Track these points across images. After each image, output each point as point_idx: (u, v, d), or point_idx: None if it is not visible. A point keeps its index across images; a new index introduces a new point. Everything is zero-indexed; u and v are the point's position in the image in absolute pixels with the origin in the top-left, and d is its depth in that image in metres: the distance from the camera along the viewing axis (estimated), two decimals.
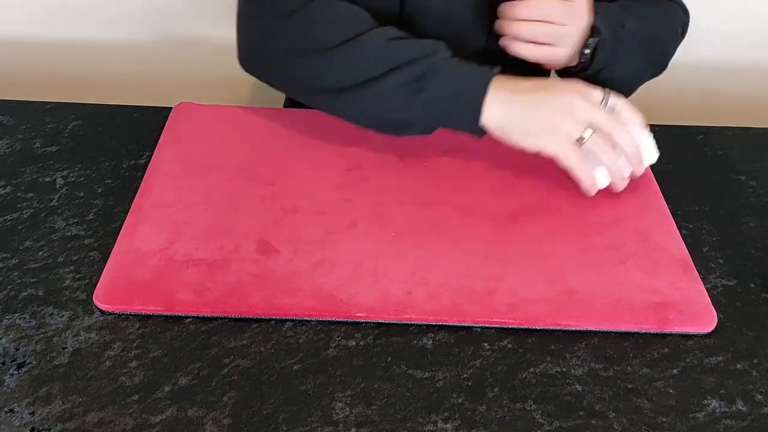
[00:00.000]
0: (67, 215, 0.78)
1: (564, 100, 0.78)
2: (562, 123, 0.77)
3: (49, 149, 0.87)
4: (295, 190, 0.81)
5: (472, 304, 0.69)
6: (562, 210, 0.80)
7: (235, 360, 0.65)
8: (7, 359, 0.64)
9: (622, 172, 0.80)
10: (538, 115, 0.78)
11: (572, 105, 0.77)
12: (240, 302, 0.68)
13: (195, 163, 0.84)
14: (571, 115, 0.77)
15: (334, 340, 0.67)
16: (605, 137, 0.78)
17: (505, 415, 0.62)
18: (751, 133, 0.97)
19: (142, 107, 0.95)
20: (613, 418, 0.62)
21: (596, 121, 0.78)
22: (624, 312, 0.70)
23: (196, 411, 0.61)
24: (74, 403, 0.61)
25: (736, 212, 0.84)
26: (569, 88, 0.79)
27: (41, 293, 0.70)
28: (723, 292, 0.74)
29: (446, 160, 0.86)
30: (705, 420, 0.63)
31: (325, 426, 0.60)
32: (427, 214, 0.78)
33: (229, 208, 0.78)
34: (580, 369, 0.66)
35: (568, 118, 0.77)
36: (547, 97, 0.78)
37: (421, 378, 0.64)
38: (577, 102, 0.77)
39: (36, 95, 0.98)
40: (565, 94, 0.78)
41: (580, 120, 0.77)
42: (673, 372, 0.66)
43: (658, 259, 0.75)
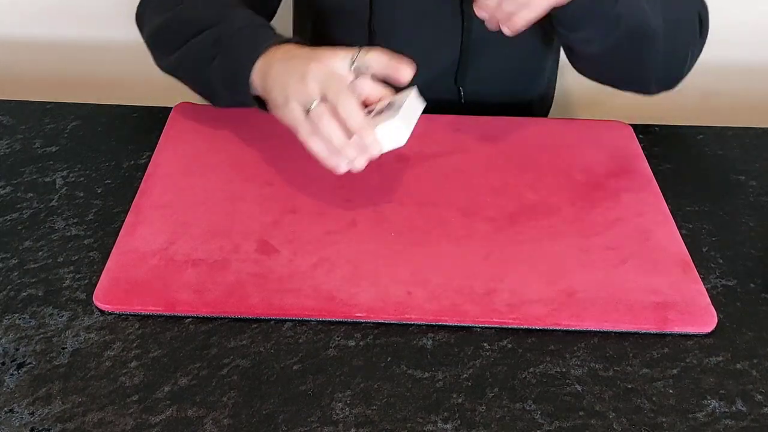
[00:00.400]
0: (67, 215, 0.78)
1: (300, 67, 0.71)
2: (293, 93, 0.71)
3: (49, 149, 0.87)
4: (295, 190, 0.81)
5: (472, 304, 0.69)
6: (562, 210, 0.80)
7: (234, 360, 0.65)
8: (7, 359, 0.64)
9: (340, 151, 0.71)
10: (280, 85, 0.73)
11: (305, 73, 0.70)
12: (240, 302, 0.68)
13: (195, 163, 0.84)
14: (302, 84, 0.70)
15: (333, 340, 0.67)
16: (332, 109, 0.69)
17: (504, 415, 0.62)
18: (751, 133, 0.97)
19: (142, 107, 0.95)
20: (613, 418, 0.62)
21: (324, 90, 0.69)
22: (624, 312, 0.69)
23: (195, 411, 0.61)
24: (74, 403, 0.61)
25: (736, 212, 0.84)
26: (313, 55, 0.72)
27: (41, 293, 0.70)
28: (723, 292, 0.74)
29: (446, 160, 0.86)
30: (705, 420, 0.63)
31: (324, 426, 0.60)
32: (427, 214, 0.78)
33: (229, 208, 0.78)
34: (579, 369, 0.66)
35: (300, 87, 0.70)
36: (288, 66, 0.73)
37: (421, 378, 0.64)
38: (312, 69, 0.70)
39: (36, 95, 0.98)
40: (305, 61, 0.71)
41: (309, 89, 0.70)
42: (673, 372, 0.66)
43: (658, 259, 0.75)
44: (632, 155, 0.89)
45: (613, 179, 0.85)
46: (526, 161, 0.87)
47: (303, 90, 0.70)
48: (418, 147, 0.87)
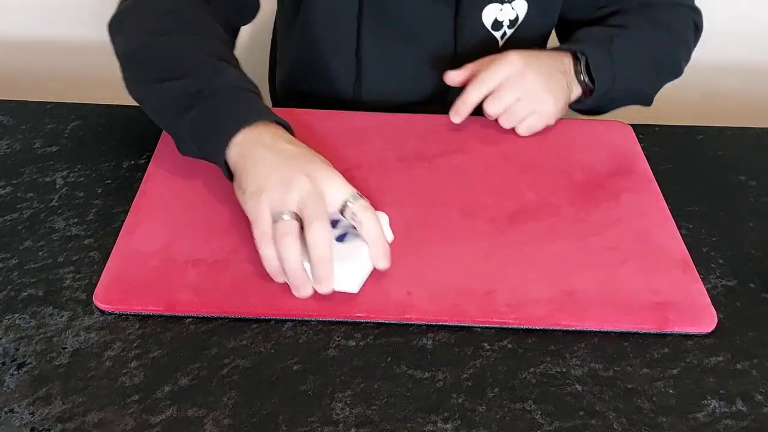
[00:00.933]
0: (67, 215, 0.78)
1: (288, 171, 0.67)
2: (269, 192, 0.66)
3: (49, 149, 0.87)
4: None
5: (472, 304, 0.69)
6: (562, 210, 0.80)
7: (235, 360, 0.65)
8: (7, 359, 0.64)
9: (287, 273, 0.66)
10: (258, 176, 0.68)
11: (291, 181, 0.66)
12: (240, 302, 0.68)
13: (195, 163, 0.84)
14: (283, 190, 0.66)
15: (334, 340, 0.67)
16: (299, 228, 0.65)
17: (505, 415, 0.62)
18: (751, 133, 0.97)
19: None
20: (613, 418, 0.62)
21: (302, 208, 0.65)
22: (624, 312, 0.69)
23: (196, 411, 0.61)
24: (74, 404, 0.61)
25: (736, 212, 0.84)
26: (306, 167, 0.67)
27: (41, 293, 0.70)
28: (723, 292, 0.74)
29: (446, 160, 0.86)
30: (705, 420, 0.63)
31: (325, 426, 0.60)
32: (427, 215, 0.78)
33: (229, 208, 0.78)
34: (580, 369, 0.66)
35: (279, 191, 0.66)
36: (275, 161, 0.68)
37: (421, 378, 0.64)
38: (300, 182, 0.66)
39: (36, 95, 0.98)
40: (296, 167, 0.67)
41: (288, 199, 0.65)
42: (673, 372, 0.66)
43: (658, 259, 0.75)
44: (632, 155, 0.89)
45: (613, 179, 0.85)
46: (526, 161, 0.87)
47: (281, 197, 0.66)
48: (418, 147, 0.87)
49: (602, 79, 0.89)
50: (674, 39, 0.96)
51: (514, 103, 0.86)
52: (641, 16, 0.95)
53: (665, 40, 0.95)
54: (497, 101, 0.86)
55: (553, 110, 0.88)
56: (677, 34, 0.97)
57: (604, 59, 0.89)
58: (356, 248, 0.68)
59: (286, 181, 0.66)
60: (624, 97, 0.92)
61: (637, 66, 0.92)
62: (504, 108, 0.86)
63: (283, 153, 0.69)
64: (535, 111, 0.87)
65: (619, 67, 0.89)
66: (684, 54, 0.98)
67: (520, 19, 0.95)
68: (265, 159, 0.69)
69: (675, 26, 0.97)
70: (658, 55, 0.95)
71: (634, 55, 0.92)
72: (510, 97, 0.86)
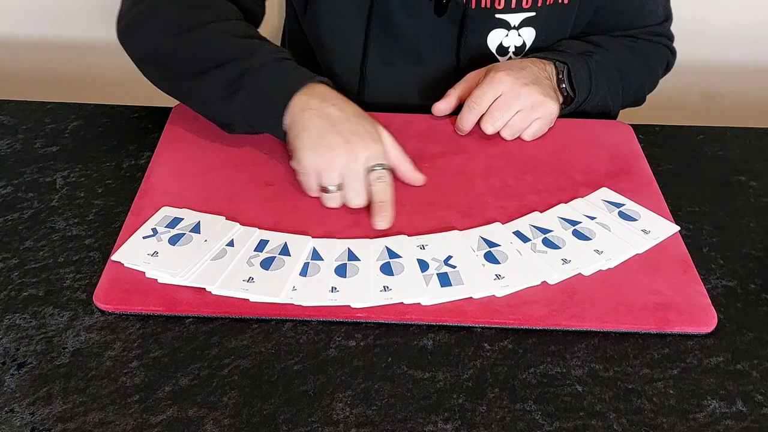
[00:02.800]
0: (68, 215, 0.78)
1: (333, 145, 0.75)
2: (316, 164, 0.76)
3: (50, 149, 0.87)
4: (295, 191, 0.80)
5: (473, 305, 0.69)
6: None
7: (235, 360, 0.65)
8: (8, 359, 0.64)
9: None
10: (306, 146, 0.76)
11: (333, 162, 0.75)
12: (240, 302, 0.68)
13: (195, 163, 0.84)
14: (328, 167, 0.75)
15: (334, 340, 0.67)
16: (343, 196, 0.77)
17: (505, 415, 0.62)
18: (751, 134, 0.97)
19: (142, 107, 0.95)
20: (613, 418, 0.62)
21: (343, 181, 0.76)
22: (624, 312, 0.69)
23: (196, 411, 0.61)
24: (74, 403, 0.61)
25: (736, 213, 0.84)
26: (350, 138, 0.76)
27: (42, 293, 0.70)
28: (723, 293, 0.74)
29: (446, 160, 0.86)
30: (705, 420, 0.63)
31: (325, 426, 0.60)
32: (427, 215, 0.78)
33: (229, 208, 0.78)
34: (580, 369, 0.66)
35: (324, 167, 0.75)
36: (321, 130, 0.76)
37: (421, 378, 0.64)
38: (341, 161, 0.75)
39: (36, 95, 0.98)
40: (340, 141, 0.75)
41: (332, 176, 0.75)
42: (673, 372, 0.66)
43: (658, 259, 0.75)
44: (632, 155, 0.89)
45: (613, 179, 0.85)
46: (527, 161, 0.87)
47: (326, 173, 0.76)
48: (418, 147, 0.87)
49: (581, 90, 0.92)
50: (646, 69, 1.00)
51: (513, 117, 0.87)
52: (621, 40, 0.99)
53: (638, 68, 0.99)
54: (495, 121, 0.87)
55: (555, 110, 0.89)
56: (649, 66, 1.01)
57: (584, 71, 0.92)
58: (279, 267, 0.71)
59: (328, 158, 0.75)
60: (591, 110, 0.95)
61: (611, 84, 0.95)
62: (501, 125, 0.88)
63: (329, 119, 0.76)
64: (537, 118, 0.88)
65: (595, 82, 0.92)
66: (650, 85, 1.03)
67: (527, 46, 0.96)
68: (312, 127, 0.76)
69: (650, 58, 1.01)
70: (629, 79, 0.98)
71: (608, 74, 0.94)
72: (507, 114, 0.87)
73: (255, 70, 0.78)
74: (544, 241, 0.75)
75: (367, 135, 0.77)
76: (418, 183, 0.82)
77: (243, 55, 0.79)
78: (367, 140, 0.77)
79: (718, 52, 1.41)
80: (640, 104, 1.03)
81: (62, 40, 1.50)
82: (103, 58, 1.48)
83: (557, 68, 0.91)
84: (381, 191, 0.76)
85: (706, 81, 1.45)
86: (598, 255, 0.74)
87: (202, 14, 0.83)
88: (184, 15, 0.84)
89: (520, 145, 0.89)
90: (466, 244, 0.74)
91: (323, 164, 0.75)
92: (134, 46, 0.86)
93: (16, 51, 1.51)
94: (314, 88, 0.79)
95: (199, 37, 0.82)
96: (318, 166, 0.76)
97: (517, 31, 0.94)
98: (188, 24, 0.83)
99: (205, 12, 0.84)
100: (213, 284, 0.69)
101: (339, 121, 0.77)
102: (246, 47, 0.80)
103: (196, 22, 0.82)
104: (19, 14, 1.48)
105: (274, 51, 0.81)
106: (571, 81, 0.91)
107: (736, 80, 1.51)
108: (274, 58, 0.80)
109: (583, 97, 0.92)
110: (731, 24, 1.43)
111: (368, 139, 0.77)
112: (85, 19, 1.48)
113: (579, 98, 0.92)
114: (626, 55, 0.97)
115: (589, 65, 0.92)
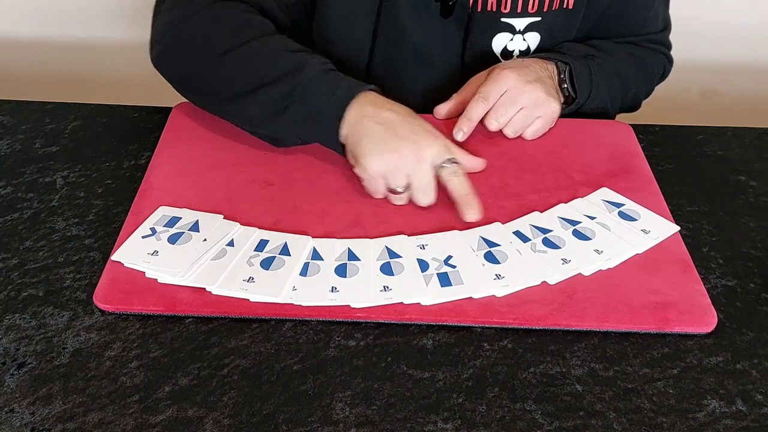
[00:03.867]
0: (68, 215, 0.78)
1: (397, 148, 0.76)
2: (383, 169, 0.77)
3: (49, 149, 0.87)
4: (296, 191, 0.81)
5: (472, 304, 0.69)
6: None
7: (235, 360, 0.65)
8: (8, 359, 0.64)
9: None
10: (369, 153, 0.77)
11: (400, 164, 0.76)
12: (240, 302, 0.68)
13: (195, 163, 0.84)
14: (395, 172, 0.76)
15: (334, 340, 0.67)
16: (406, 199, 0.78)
17: (505, 415, 0.62)
18: (751, 133, 0.97)
19: (142, 107, 0.95)
20: (613, 418, 0.62)
21: (410, 181, 0.77)
22: (624, 312, 0.69)
23: (196, 411, 0.61)
24: (74, 404, 0.61)
25: (736, 212, 0.84)
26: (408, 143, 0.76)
27: (41, 293, 0.70)
28: (723, 292, 0.74)
29: None
30: (705, 420, 0.63)
31: (325, 426, 0.60)
32: (428, 215, 0.78)
33: (229, 208, 0.78)
34: (580, 369, 0.66)
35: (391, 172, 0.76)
36: (383, 135, 0.77)
37: (421, 378, 0.64)
38: (407, 163, 0.76)
39: (36, 95, 0.98)
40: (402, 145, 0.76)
41: (398, 179, 0.77)
42: (673, 372, 0.66)
43: (658, 259, 0.75)
44: (632, 155, 0.89)
45: (613, 179, 0.85)
46: (526, 161, 0.87)
47: (393, 176, 0.77)
48: None
49: (583, 91, 0.92)
50: (644, 75, 1.01)
51: (516, 114, 0.88)
52: (622, 46, 0.99)
53: (637, 74, 0.99)
54: (499, 117, 0.87)
55: (557, 110, 0.89)
56: (648, 73, 1.02)
57: (585, 73, 0.92)
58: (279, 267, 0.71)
59: (394, 161, 0.76)
60: (590, 111, 0.95)
61: (611, 88, 0.95)
62: (506, 122, 0.88)
63: (388, 123, 0.77)
64: (539, 116, 0.89)
65: (596, 85, 0.93)
66: (646, 92, 1.04)
67: (531, 50, 0.97)
68: (372, 133, 0.77)
69: (648, 66, 1.01)
70: (628, 85, 0.98)
71: (609, 77, 0.95)
72: (511, 110, 0.87)
73: (305, 85, 0.79)
74: (544, 241, 0.75)
75: (428, 133, 0.78)
76: (480, 168, 0.84)
77: (291, 71, 0.80)
78: (430, 138, 0.78)
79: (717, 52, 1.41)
80: (634, 110, 1.04)
81: (62, 40, 1.50)
82: (103, 58, 1.48)
83: (559, 68, 0.92)
84: (460, 185, 0.77)
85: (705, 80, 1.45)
86: (598, 255, 0.74)
87: (239, 34, 0.83)
88: (222, 37, 0.83)
89: (520, 144, 0.89)
90: (466, 244, 0.74)
91: (390, 167, 0.76)
92: (171, 71, 0.86)
93: (16, 51, 1.51)
94: (366, 96, 0.80)
95: (242, 57, 0.81)
96: (385, 170, 0.77)
97: (522, 35, 0.95)
98: (228, 45, 0.82)
99: (242, 32, 0.83)
100: (213, 284, 0.69)
101: (398, 124, 0.78)
102: (293, 62, 0.80)
103: (234, 42, 0.82)
104: (19, 14, 1.48)
105: (320, 62, 0.81)
106: (573, 82, 0.91)
107: (736, 80, 1.51)
108: (322, 70, 0.80)
109: (584, 99, 0.93)
110: (731, 24, 1.43)
111: (431, 137, 0.78)
112: (85, 19, 1.48)
113: (580, 99, 0.92)
114: (626, 61, 0.98)
115: (590, 68, 0.93)
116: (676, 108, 1.16)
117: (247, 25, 0.84)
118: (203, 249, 0.72)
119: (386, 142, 0.77)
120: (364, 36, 0.94)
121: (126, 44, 1.46)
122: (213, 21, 0.84)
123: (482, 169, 0.84)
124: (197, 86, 0.86)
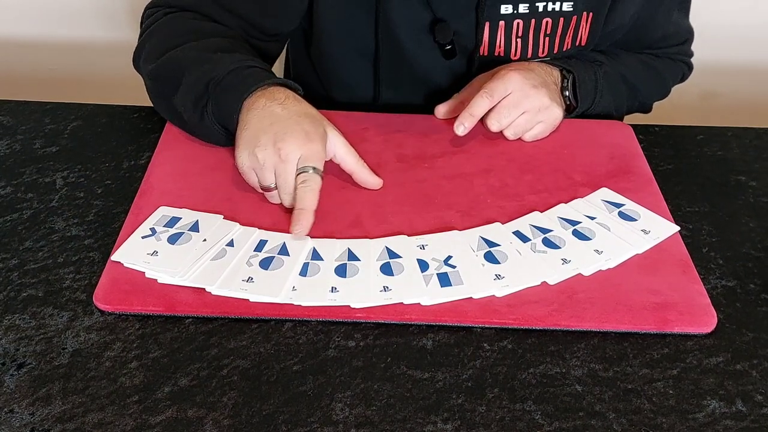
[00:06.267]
0: (67, 216, 0.78)
1: (270, 144, 0.74)
2: (253, 164, 0.75)
3: (49, 150, 0.87)
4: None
5: (472, 304, 0.69)
6: None
7: (235, 360, 0.65)
8: (7, 359, 0.64)
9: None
10: (247, 144, 0.75)
11: (266, 163, 0.74)
12: (239, 302, 0.68)
13: (194, 164, 0.84)
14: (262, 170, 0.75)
15: (333, 340, 0.67)
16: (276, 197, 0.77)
17: (504, 415, 0.62)
18: (751, 133, 0.97)
19: (142, 107, 0.95)
20: (613, 418, 0.62)
21: (277, 182, 0.75)
22: (624, 312, 0.69)
23: (196, 411, 0.61)
24: (74, 404, 0.61)
25: (736, 213, 0.84)
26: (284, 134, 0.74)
27: (41, 294, 0.70)
28: (723, 293, 0.74)
29: (446, 160, 0.86)
30: (705, 420, 0.63)
31: (324, 426, 0.60)
32: (427, 215, 0.78)
33: (229, 208, 0.78)
34: (579, 369, 0.66)
35: (261, 169, 0.75)
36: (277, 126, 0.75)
37: (421, 378, 0.64)
38: (273, 163, 0.74)
39: (36, 95, 0.98)
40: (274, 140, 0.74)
41: (266, 177, 0.75)
42: (672, 372, 0.66)
43: (658, 260, 0.75)
44: (632, 155, 0.89)
45: (613, 179, 0.85)
46: (526, 161, 0.87)
47: (261, 173, 0.75)
48: (418, 147, 0.87)
49: (585, 99, 0.92)
50: (654, 82, 1.01)
51: (519, 117, 0.87)
52: (636, 54, 0.99)
53: (648, 80, 0.99)
54: (501, 118, 0.87)
55: (559, 116, 0.89)
56: (660, 80, 1.01)
57: (590, 81, 0.92)
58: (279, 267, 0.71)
59: (260, 148, 0.74)
60: (594, 116, 0.95)
61: (616, 95, 0.95)
62: (507, 124, 0.88)
63: (271, 118, 0.75)
64: (540, 121, 0.89)
65: (600, 92, 0.93)
66: (659, 97, 1.04)
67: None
68: (252, 126, 0.75)
69: (663, 74, 1.01)
70: (636, 90, 0.98)
71: (615, 84, 0.95)
72: (514, 113, 0.87)
73: (216, 80, 0.78)
74: (544, 241, 0.75)
75: (303, 135, 0.74)
76: (376, 187, 0.80)
77: (207, 67, 0.79)
78: (301, 141, 0.74)
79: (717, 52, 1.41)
80: (645, 112, 1.03)
81: (62, 40, 1.50)
82: (103, 58, 1.48)
83: (563, 75, 0.91)
84: (302, 197, 0.73)
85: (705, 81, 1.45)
86: (597, 255, 0.74)
87: (186, 34, 0.84)
88: (173, 37, 0.85)
89: (520, 145, 0.89)
90: (465, 244, 0.74)
91: (255, 163, 0.75)
92: (141, 70, 0.88)
93: (16, 51, 1.51)
94: (269, 89, 0.78)
95: (176, 55, 0.82)
96: (252, 165, 0.75)
97: None
98: (173, 44, 0.83)
99: (190, 32, 0.84)
100: (212, 284, 0.69)
101: (280, 121, 0.75)
102: (213, 60, 0.80)
103: (179, 41, 0.83)
104: (19, 14, 1.48)
105: (241, 60, 0.80)
106: (575, 90, 0.91)
107: (736, 80, 1.51)
108: (239, 66, 0.79)
109: (586, 107, 0.93)
110: (731, 24, 1.43)
111: (302, 140, 0.74)
112: (85, 19, 1.48)
113: (581, 107, 0.92)
114: (636, 66, 0.98)
115: (596, 75, 0.92)
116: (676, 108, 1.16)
117: (197, 28, 0.85)
118: (203, 249, 0.72)
119: (257, 138, 0.74)
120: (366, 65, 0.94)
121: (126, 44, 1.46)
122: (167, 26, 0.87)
123: (379, 187, 0.80)
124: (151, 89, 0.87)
